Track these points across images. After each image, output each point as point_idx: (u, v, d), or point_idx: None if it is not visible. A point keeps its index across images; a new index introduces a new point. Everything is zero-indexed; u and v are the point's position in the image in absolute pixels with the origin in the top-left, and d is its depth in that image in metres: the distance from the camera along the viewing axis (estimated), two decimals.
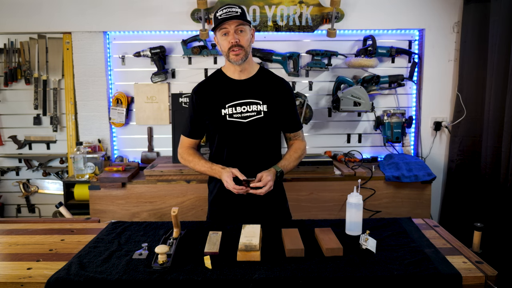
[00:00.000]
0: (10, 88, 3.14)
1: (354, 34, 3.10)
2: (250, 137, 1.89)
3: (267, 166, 1.88)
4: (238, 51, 1.80)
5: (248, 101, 1.88)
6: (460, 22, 3.03)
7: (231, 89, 1.90)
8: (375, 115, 3.13)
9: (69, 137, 3.13)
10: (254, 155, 1.90)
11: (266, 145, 1.94)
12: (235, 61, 1.83)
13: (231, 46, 1.80)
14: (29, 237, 1.73)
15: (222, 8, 1.79)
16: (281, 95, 1.93)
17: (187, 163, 1.98)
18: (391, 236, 1.65)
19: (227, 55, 1.84)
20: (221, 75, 1.94)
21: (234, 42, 1.79)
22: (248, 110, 1.87)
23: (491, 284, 1.33)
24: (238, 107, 1.87)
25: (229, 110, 1.87)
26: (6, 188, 3.25)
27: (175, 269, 1.38)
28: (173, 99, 2.98)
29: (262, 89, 1.90)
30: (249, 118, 1.87)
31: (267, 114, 1.88)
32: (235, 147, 1.90)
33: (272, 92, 1.91)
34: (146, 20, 3.00)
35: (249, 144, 1.89)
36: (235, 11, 1.78)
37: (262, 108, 1.88)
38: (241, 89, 1.89)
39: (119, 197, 2.74)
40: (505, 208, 2.52)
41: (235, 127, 1.87)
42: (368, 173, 2.73)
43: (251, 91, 1.89)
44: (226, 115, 1.87)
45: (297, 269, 1.38)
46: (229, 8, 1.79)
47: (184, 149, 2.00)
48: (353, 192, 1.66)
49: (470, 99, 2.98)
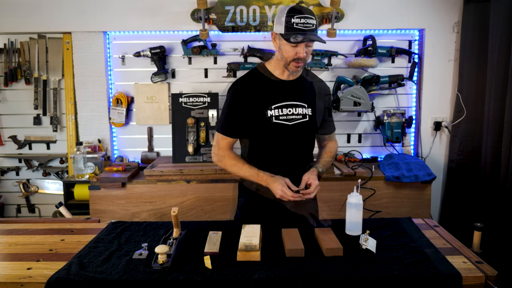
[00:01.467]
0: (10, 88, 3.14)
1: (354, 34, 3.10)
2: (294, 141, 1.84)
3: (302, 167, 1.85)
4: (300, 63, 1.75)
5: (294, 103, 1.82)
6: (460, 22, 3.03)
7: (277, 90, 1.82)
8: (375, 115, 3.13)
9: (69, 137, 3.13)
10: (293, 157, 1.87)
11: (306, 148, 1.91)
12: (294, 72, 1.79)
13: (297, 58, 1.73)
14: (29, 237, 1.73)
15: (299, 16, 1.67)
16: (323, 98, 1.90)
17: (227, 168, 1.86)
18: (391, 236, 1.65)
19: (287, 64, 1.76)
20: (263, 73, 1.85)
21: (302, 56, 1.72)
22: (293, 113, 1.82)
23: (491, 284, 1.33)
24: (284, 109, 1.80)
25: (275, 111, 1.80)
26: (6, 188, 3.25)
27: (175, 269, 1.38)
28: (173, 99, 2.98)
29: (307, 92, 1.86)
30: (294, 121, 1.82)
31: (312, 118, 1.85)
32: (277, 150, 1.85)
33: (315, 95, 1.87)
34: (146, 20, 3.00)
35: (291, 147, 1.85)
36: (312, 24, 1.68)
37: (307, 112, 1.84)
38: (287, 91, 1.83)
39: (119, 197, 2.74)
40: (505, 208, 2.51)
41: (280, 130, 1.81)
42: (368, 173, 2.73)
43: (297, 93, 1.84)
44: (272, 117, 1.79)
45: (297, 269, 1.38)
46: (307, 18, 1.67)
47: (223, 151, 1.86)
48: (353, 192, 1.66)
49: (470, 99, 2.98)
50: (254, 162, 1.87)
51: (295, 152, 1.87)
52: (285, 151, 1.86)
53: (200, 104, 2.96)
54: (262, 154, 1.87)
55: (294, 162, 1.87)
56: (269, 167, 1.83)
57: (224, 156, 1.86)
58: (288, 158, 1.87)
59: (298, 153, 1.88)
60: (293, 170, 1.85)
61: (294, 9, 1.69)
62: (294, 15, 1.67)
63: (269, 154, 1.86)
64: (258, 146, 1.87)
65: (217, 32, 3.01)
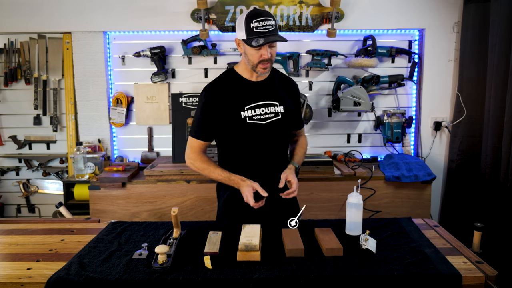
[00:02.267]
0: (10, 88, 3.14)
1: (354, 34, 3.10)
2: (268, 139, 1.88)
3: (278, 165, 1.89)
4: (267, 64, 1.79)
5: (266, 102, 1.87)
6: (460, 22, 3.03)
7: (249, 91, 1.87)
8: (375, 115, 3.13)
9: (69, 137, 3.13)
10: (268, 156, 1.90)
11: (280, 145, 1.94)
12: (262, 74, 1.82)
13: (262, 60, 1.77)
14: (29, 237, 1.73)
15: (257, 19, 1.71)
16: (292, 95, 1.95)
17: (199, 171, 1.90)
18: (391, 236, 1.65)
19: (254, 67, 1.80)
20: (235, 75, 1.90)
21: (267, 57, 1.76)
22: (266, 112, 1.86)
23: (491, 284, 1.33)
24: (257, 109, 1.85)
25: (249, 112, 1.84)
26: (6, 188, 3.25)
27: (175, 269, 1.38)
28: (173, 99, 2.98)
29: (277, 90, 1.90)
30: (267, 120, 1.86)
31: (284, 115, 1.88)
32: (252, 149, 1.88)
33: (285, 93, 1.92)
34: (146, 20, 3.00)
35: (266, 145, 1.88)
36: (271, 25, 1.73)
37: (279, 110, 1.88)
38: (258, 91, 1.87)
39: (119, 197, 2.74)
40: (505, 208, 2.51)
41: (254, 130, 1.85)
42: (368, 173, 2.73)
43: (268, 92, 1.88)
44: (246, 118, 1.83)
45: (297, 269, 1.38)
46: (265, 20, 1.72)
47: (195, 155, 1.91)
48: (353, 192, 1.66)
49: (470, 99, 2.98)
50: (231, 163, 1.90)
51: (271, 151, 1.91)
52: (261, 150, 1.89)
53: None
54: (238, 155, 1.90)
55: (270, 160, 1.91)
56: (246, 167, 1.87)
57: (196, 159, 1.90)
58: (265, 157, 1.90)
59: (274, 151, 1.91)
60: (270, 168, 1.89)
61: (252, 13, 1.74)
62: (253, 19, 1.72)
63: (245, 154, 1.89)
64: (234, 147, 1.90)
65: (217, 32, 3.02)
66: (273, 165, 1.91)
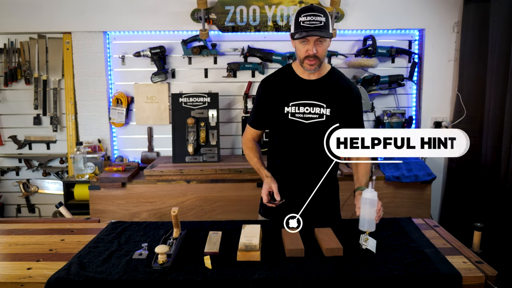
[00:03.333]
0: (10, 88, 3.14)
1: (354, 34, 3.10)
2: (309, 139, 1.86)
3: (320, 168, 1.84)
4: (313, 61, 1.76)
5: (312, 102, 1.85)
6: (460, 22, 3.03)
7: (297, 88, 1.86)
8: (375, 115, 3.13)
9: (69, 137, 3.13)
10: (310, 156, 1.88)
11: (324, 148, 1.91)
12: (309, 70, 1.80)
13: (307, 55, 1.75)
14: (29, 237, 1.72)
15: (306, 14, 1.70)
16: (347, 100, 1.87)
17: (245, 155, 1.99)
18: (391, 236, 1.65)
19: (301, 62, 1.79)
20: (290, 71, 1.89)
21: (312, 53, 1.74)
22: (310, 112, 1.84)
23: (491, 284, 1.33)
24: (301, 107, 1.84)
25: (292, 108, 1.84)
26: (6, 188, 3.25)
27: (175, 269, 1.38)
28: (173, 99, 2.98)
29: (328, 92, 1.85)
30: (310, 120, 1.84)
31: (329, 118, 1.84)
32: (293, 147, 1.88)
33: (338, 97, 1.86)
34: (146, 20, 3.00)
35: (307, 145, 1.87)
36: (319, 21, 1.70)
37: (325, 112, 1.84)
38: (307, 89, 1.85)
39: (119, 197, 2.74)
40: (505, 208, 2.52)
41: (295, 127, 1.85)
42: None
43: (317, 93, 1.85)
44: (288, 113, 1.84)
45: (297, 269, 1.38)
46: (313, 16, 1.70)
47: (246, 140, 1.99)
48: (368, 188, 1.64)
49: (470, 99, 2.98)
50: (273, 155, 1.96)
51: (312, 151, 1.87)
52: (301, 149, 1.88)
53: (200, 104, 2.96)
54: (280, 149, 1.92)
55: (311, 160, 1.89)
56: (285, 163, 1.90)
57: (245, 144, 2.00)
58: (304, 156, 1.88)
59: (315, 152, 1.86)
60: (309, 168, 1.88)
61: (304, 9, 1.74)
62: (302, 13, 1.72)
63: (287, 150, 1.90)
64: (279, 141, 1.92)
65: (217, 32, 3.02)
66: (313, 166, 1.87)
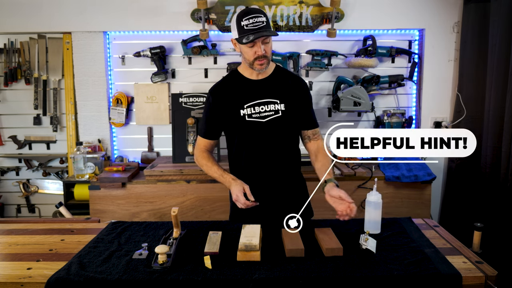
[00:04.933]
0: (10, 88, 3.14)
1: (354, 34, 3.10)
2: (269, 137, 1.88)
3: (285, 165, 1.90)
4: (263, 60, 1.79)
5: (266, 100, 1.87)
6: (460, 22, 3.03)
7: (249, 89, 1.88)
8: (375, 115, 3.13)
9: (69, 137, 3.13)
10: (273, 154, 1.90)
11: (285, 144, 1.93)
12: (259, 70, 1.82)
13: (257, 57, 1.78)
14: (29, 237, 1.73)
15: (247, 17, 1.73)
16: (298, 93, 1.91)
17: (201, 167, 1.97)
18: (391, 236, 1.65)
19: (251, 64, 1.81)
20: (237, 75, 1.92)
21: (261, 54, 1.77)
22: (266, 110, 1.86)
23: (491, 284, 1.33)
24: (256, 107, 1.86)
25: (248, 110, 1.86)
26: (6, 188, 3.25)
27: (175, 269, 1.38)
28: (173, 99, 2.98)
29: (279, 88, 1.89)
30: (267, 118, 1.86)
31: (285, 113, 1.87)
32: (254, 147, 1.89)
33: (289, 91, 1.90)
34: (146, 20, 3.00)
35: (268, 143, 1.89)
36: (261, 21, 1.73)
37: (280, 107, 1.87)
38: (258, 89, 1.88)
39: (119, 197, 2.74)
40: (505, 208, 2.52)
41: (254, 127, 1.86)
42: (368, 173, 2.73)
43: (268, 90, 1.88)
44: (245, 116, 1.86)
45: (297, 269, 1.38)
46: (255, 17, 1.73)
47: (199, 152, 1.97)
48: (372, 191, 1.67)
49: (470, 99, 2.98)
50: (236, 161, 1.94)
51: (274, 149, 1.90)
52: (264, 148, 1.89)
53: (200, 104, 2.96)
54: (242, 153, 1.92)
55: (274, 158, 1.90)
56: (250, 166, 1.90)
57: (198, 156, 1.97)
58: (268, 155, 1.89)
59: (277, 149, 1.90)
60: (275, 166, 1.89)
61: (242, 12, 1.77)
62: (243, 17, 1.75)
63: (248, 153, 1.90)
64: (239, 145, 1.92)
65: (217, 32, 3.02)
66: (278, 163, 1.90)
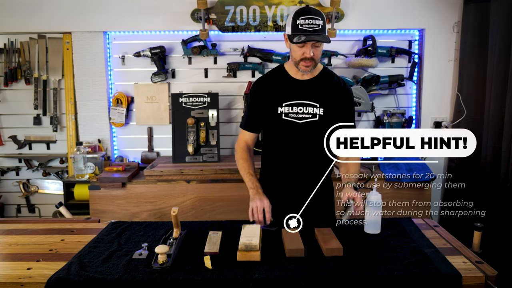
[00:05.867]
0: (10, 88, 3.14)
1: (354, 34, 3.10)
2: (303, 139, 1.86)
3: (315, 168, 1.86)
4: (309, 63, 1.76)
5: (305, 102, 1.85)
6: (460, 22, 3.03)
7: (290, 88, 1.86)
8: (375, 115, 3.13)
9: (69, 137, 3.13)
10: (304, 156, 1.88)
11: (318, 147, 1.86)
12: (304, 71, 1.80)
13: (304, 58, 1.75)
14: (29, 237, 1.72)
15: (304, 17, 1.69)
16: (340, 99, 1.87)
17: (237, 165, 1.93)
18: (391, 236, 1.65)
19: (296, 63, 1.79)
20: (282, 72, 1.90)
21: (309, 56, 1.74)
22: (304, 112, 1.84)
23: (491, 284, 1.33)
24: (294, 107, 1.85)
25: (286, 109, 1.85)
26: (6, 188, 3.25)
27: (175, 269, 1.38)
28: (173, 99, 2.98)
29: (321, 91, 1.86)
30: (303, 120, 1.85)
31: (322, 118, 1.85)
32: (287, 145, 1.88)
33: (331, 96, 1.86)
34: (146, 20, 3.00)
35: (301, 145, 1.87)
36: (317, 25, 1.70)
37: (318, 112, 1.84)
38: (300, 90, 1.86)
39: (119, 197, 2.74)
40: (505, 208, 2.51)
41: (289, 127, 1.85)
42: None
43: (310, 93, 1.85)
44: (282, 114, 1.85)
45: (297, 269, 1.38)
46: (311, 19, 1.69)
47: (239, 146, 1.95)
48: (372, 191, 1.66)
49: (470, 99, 2.98)
50: (268, 157, 1.95)
51: (307, 151, 1.88)
52: (296, 149, 1.88)
53: (200, 104, 2.96)
54: (275, 149, 1.91)
55: (305, 160, 1.89)
56: (280, 164, 1.90)
57: (237, 150, 1.96)
58: (299, 156, 1.88)
59: (309, 152, 1.88)
60: (305, 168, 1.88)
61: (301, 11, 1.73)
62: (300, 16, 1.71)
63: (281, 150, 1.90)
64: (273, 142, 1.92)
65: (217, 32, 3.01)
66: (308, 165, 1.88)
